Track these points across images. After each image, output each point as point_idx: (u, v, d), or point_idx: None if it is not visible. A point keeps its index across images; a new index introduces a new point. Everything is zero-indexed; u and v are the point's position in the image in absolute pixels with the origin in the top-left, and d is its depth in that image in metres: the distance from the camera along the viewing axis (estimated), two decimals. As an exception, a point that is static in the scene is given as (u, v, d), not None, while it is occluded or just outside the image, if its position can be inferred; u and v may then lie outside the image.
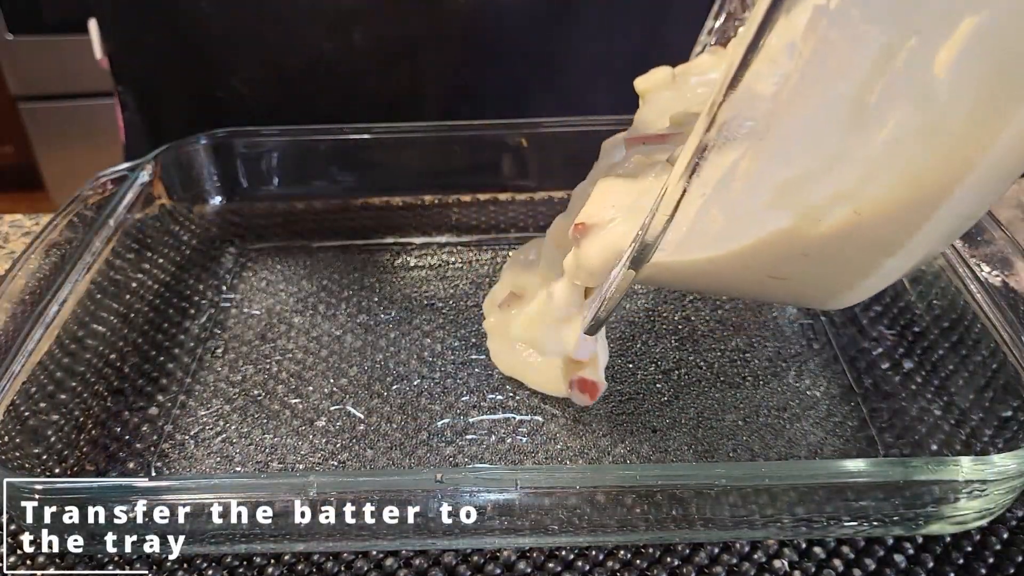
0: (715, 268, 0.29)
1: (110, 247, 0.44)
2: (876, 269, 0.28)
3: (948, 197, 0.25)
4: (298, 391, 0.41)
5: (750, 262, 0.28)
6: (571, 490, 0.30)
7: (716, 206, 0.27)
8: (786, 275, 0.29)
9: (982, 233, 0.41)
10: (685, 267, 0.29)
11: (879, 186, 0.25)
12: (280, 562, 0.33)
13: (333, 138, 0.52)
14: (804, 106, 0.24)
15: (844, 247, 0.27)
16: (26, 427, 0.36)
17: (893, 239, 0.27)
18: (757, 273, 0.29)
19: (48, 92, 1.46)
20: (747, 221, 0.27)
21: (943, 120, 0.24)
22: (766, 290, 0.31)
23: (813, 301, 0.36)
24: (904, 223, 0.26)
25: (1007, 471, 0.29)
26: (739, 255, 0.28)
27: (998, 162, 0.25)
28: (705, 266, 0.29)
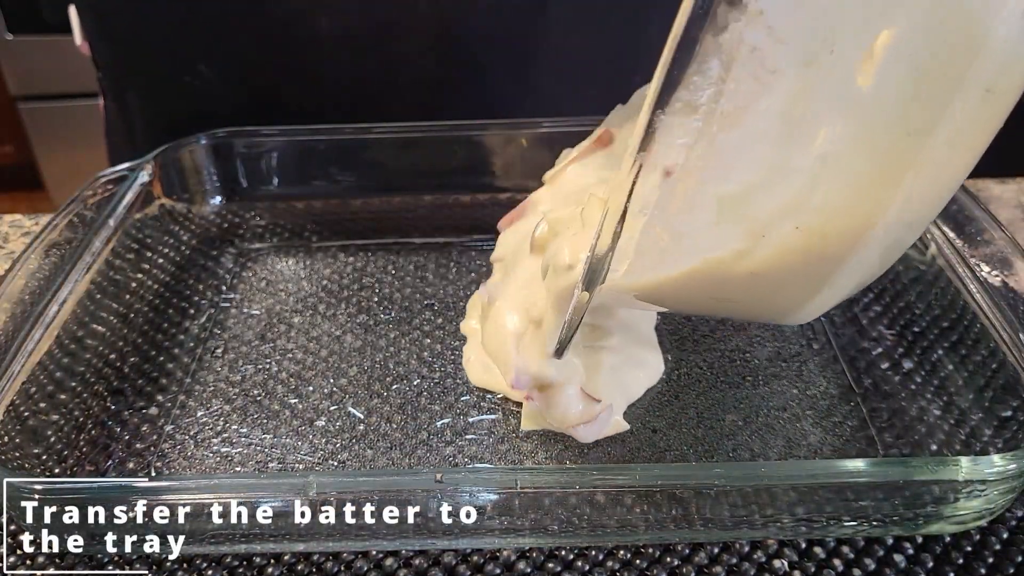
0: (668, 290, 0.29)
1: (110, 247, 0.44)
2: (825, 285, 0.28)
3: (889, 205, 0.25)
4: (298, 391, 0.41)
5: (700, 283, 0.29)
6: (571, 490, 0.30)
7: (661, 225, 0.27)
8: (737, 297, 0.30)
9: (982, 233, 0.41)
10: (639, 290, 0.30)
11: (820, 197, 0.25)
12: (280, 562, 0.33)
13: (333, 138, 0.52)
14: (735, 121, 0.25)
15: (792, 264, 0.27)
16: (26, 427, 0.36)
17: (839, 252, 0.27)
18: (707, 294, 0.30)
19: (48, 92, 1.46)
20: (694, 241, 0.27)
21: (873, 129, 0.25)
22: (720, 310, 0.32)
23: (769, 318, 0.36)
24: (849, 235, 0.26)
25: (1007, 471, 0.29)
26: (689, 276, 0.28)
27: (936, 165, 0.25)
28: (658, 288, 0.29)
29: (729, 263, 0.27)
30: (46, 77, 1.43)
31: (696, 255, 0.28)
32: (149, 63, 0.59)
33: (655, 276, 0.29)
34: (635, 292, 0.30)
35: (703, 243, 0.27)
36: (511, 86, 0.59)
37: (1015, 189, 0.59)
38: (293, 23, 0.55)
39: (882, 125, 0.24)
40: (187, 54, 0.57)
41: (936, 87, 0.24)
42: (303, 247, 0.52)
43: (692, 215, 0.27)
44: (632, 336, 0.42)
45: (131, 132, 0.64)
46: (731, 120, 0.25)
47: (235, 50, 0.56)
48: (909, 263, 0.45)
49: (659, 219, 0.27)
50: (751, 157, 0.25)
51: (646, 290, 0.30)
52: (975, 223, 0.42)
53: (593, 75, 0.59)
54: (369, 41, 0.56)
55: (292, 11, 0.54)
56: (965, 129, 0.25)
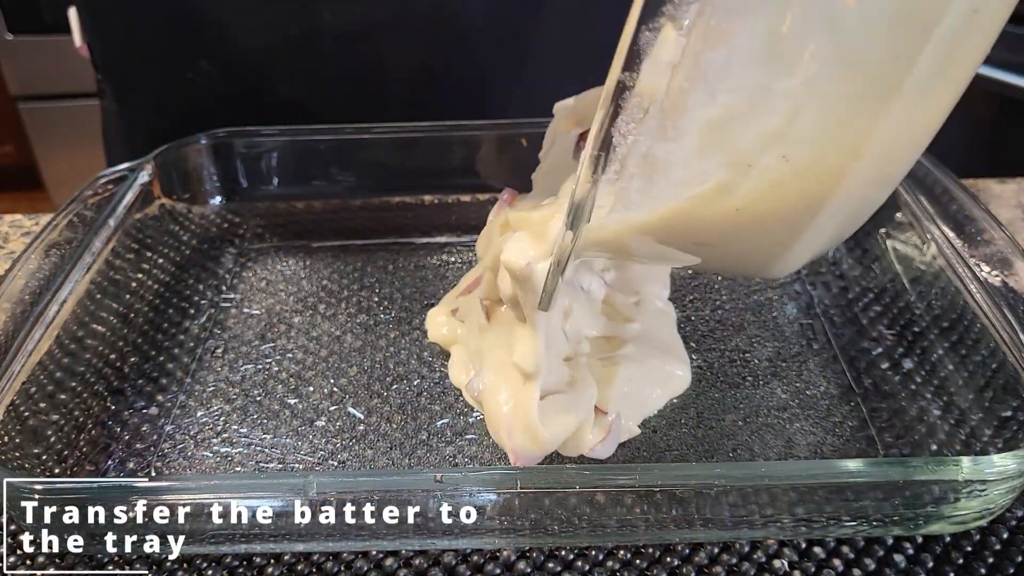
0: (651, 231, 0.29)
1: (110, 247, 0.44)
2: (808, 227, 0.28)
3: (874, 135, 0.25)
4: (298, 391, 0.41)
5: (683, 224, 0.28)
6: (571, 490, 0.30)
7: (645, 152, 0.26)
8: (718, 241, 0.29)
9: (982, 233, 0.41)
10: (623, 232, 0.29)
11: (804, 125, 0.25)
12: (280, 562, 0.33)
13: (333, 138, 0.52)
14: (719, 39, 0.24)
15: (776, 199, 0.27)
16: (26, 427, 0.36)
17: (824, 187, 0.26)
18: (689, 238, 0.29)
19: (48, 92, 1.47)
20: (678, 172, 0.27)
21: (858, 51, 0.24)
22: (701, 256, 0.31)
23: (749, 267, 0.35)
24: (834, 167, 0.26)
25: (1007, 471, 0.29)
26: (673, 215, 0.28)
27: (922, 94, 0.25)
28: (641, 228, 0.29)
29: (713, 198, 0.27)
30: (46, 77, 1.44)
31: (680, 189, 0.27)
32: (150, 61, 0.59)
33: (638, 214, 0.28)
34: (618, 233, 0.29)
35: (687, 175, 0.27)
36: (508, 82, 0.59)
37: (1015, 189, 0.59)
38: (294, 18, 0.55)
39: (867, 48, 0.24)
40: (188, 50, 0.57)
41: (923, 7, 0.23)
42: (303, 247, 0.52)
43: (677, 143, 0.26)
44: (652, 345, 0.42)
45: (130, 133, 0.64)
46: (717, 37, 0.24)
47: (236, 46, 0.57)
48: (909, 263, 0.45)
49: (644, 145, 0.26)
50: (736, 80, 0.25)
51: (629, 230, 0.29)
52: (975, 223, 0.42)
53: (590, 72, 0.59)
54: (369, 37, 0.56)
55: (293, 6, 0.54)
56: (952, 54, 0.24)
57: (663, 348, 0.42)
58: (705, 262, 0.32)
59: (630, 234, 0.29)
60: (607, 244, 0.31)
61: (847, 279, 0.47)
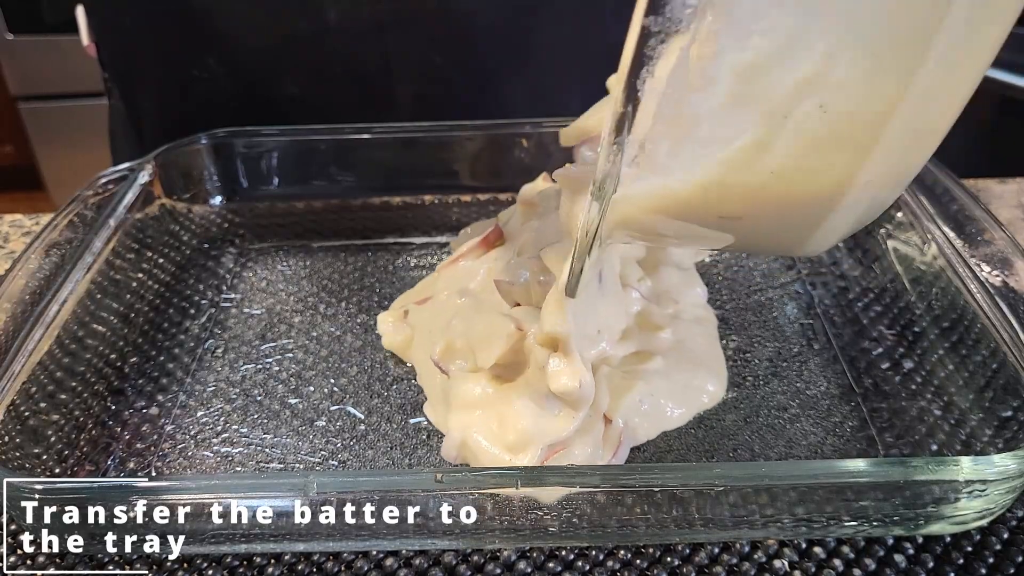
0: (678, 204, 0.27)
1: (110, 247, 0.44)
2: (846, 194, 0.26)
3: (912, 82, 0.24)
4: (298, 391, 0.41)
5: (714, 196, 0.26)
6: (571, 490, 0.30)
7: (674, 106, 0.24)
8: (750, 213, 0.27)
9: (982, 233, 0.41)
10: (651, 205, 0.27)
11: (842, 67, 0.24)
12: (280, 562, 0.33)
13: (333, 138, 0.52)
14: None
15: (814, 159, 0.25)
16: (26, 427, 0.36)
17: (861, 142, 0.25)
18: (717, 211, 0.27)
19: (48, 92, 1.47)
20: (710, 128, 0.25)
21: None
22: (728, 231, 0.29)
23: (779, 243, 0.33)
24: (870, 120, 0.25)
25: (1007, 471, 0.29)
26: (703, 188, 0.26)
27: (961, 43, 0.23)
28: (669, 200, 0.27)
29: (747, 159, 0.25)
30: (46, 77, 1.44)
31: (712, 148, 0.25)
32: (157, 59, 0.59)
33: (668, 182, 0.26)
34: (646, 207, 0.28)
35: (719, 130, 0.25)
36: (514, 81, 0.59)
37: (1015, 189, 0.59)
38: (301, 16, 0.55)
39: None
40: (196, 49, 0.57)
41: None
42: (303, 247, 0.52)
43: (706, 93, 0.24)
44: (684, 359, 0.41)
45: (138, 131, 0.64)
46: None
47: (243, 44, 0.57)
48: (909, 263, 0.45)
49: (672, 100, 0.24)
50: (769, 19, 0.23)
51: (657, 202, 0.27)
52: (975, 223, 0.42)
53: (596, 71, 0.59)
54: (375, 34, 0.56)
55: (300, 5, 0.54)
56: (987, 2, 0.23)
57: (697, 361, 0.41)
58: (734, 239, 0.30)
59: (658, 207, 0.28)
60: (635, 222, 0.29)
61: (847, 279, 0.47)
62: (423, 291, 0.46)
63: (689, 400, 0.39)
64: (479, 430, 0.36)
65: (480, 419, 0.36)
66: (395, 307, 0.46)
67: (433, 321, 0.42)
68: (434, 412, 0.39)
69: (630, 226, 0.30)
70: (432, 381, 0.40)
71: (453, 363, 0.39)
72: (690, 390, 0.40)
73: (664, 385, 0.39)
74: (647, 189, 0.27)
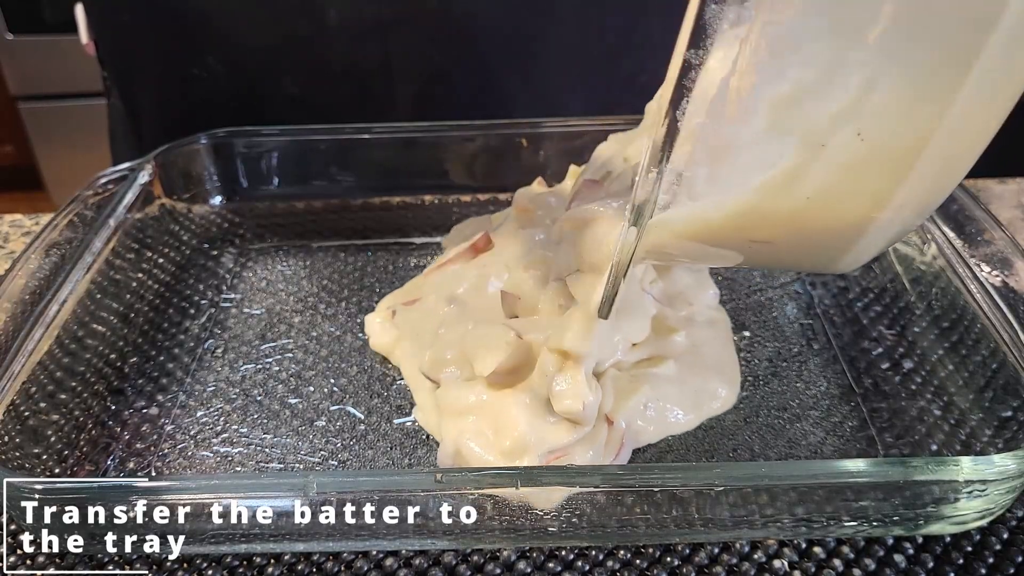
0: (713, 230, 0.27)
1: (110, 247, 0.44)
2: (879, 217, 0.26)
3: (947, 112, 0.24)
4: (298, 391, 0.41)
5: (749, 220, 0.27)
6: (571, 490, 0.30)
7: (712, 136, 0.25)
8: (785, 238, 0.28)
9: (982, 233, 0.41)
10: (687, 231, 0.28)
11: (880, 96, 0.24)
12: (280, 562, 0.33)
13: (333, 138, 0.52)
14: (788, 7, 0.23)
15: (849, 184, 0.25)
16: (26, 427, 0.36)
17: (896, 168, 0.25)
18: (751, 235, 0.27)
19: (48, 92, 1.46)
20: (747, 156, 0.25)
21: (934, 13, 0.23)
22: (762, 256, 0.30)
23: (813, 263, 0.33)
24: (905, 148, 0.25)
25: (1007, 471, 0.29)
26: (739, 212, 0.26)
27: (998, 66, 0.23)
28: (708, 227, 0.27)
29: (783, 185, 0.26)
30: (46, 77, 1.43)
31: (749, 175, 0.26)
32: (157, 58, 0.59)
33: (704, 208, 0.27)
34: (681, 232, 0.28)
35: (756, 158, 0.25)
36: (516, 81, 0.59)
37: (1015, 189, 0.59)
38: (301, 15, 0.55)
39: (945, 12, 0.23)
40: (196, 48, 0.57)
41: None
42: (303, 247, 0.52)
43: (745, 124, 0.25)
44: (697, 363, 0.41)
45: (137, 131, 0.64)
46: (785, 5, 0.23)
47: (244, 43, 0.57)
48: (909, 263, 0.45)
49: (712, 129, 0.25)
50: (807, 51, 0.24)
51: (693, 228, 0.28)
52: (975, 223, 0.42)
53: (597, 71, 0.59)
54: (375, 33, 0.56)
55: (300, 4, 0.54)
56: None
57: (708, 365, 0.41)
58: (760, 261, 0.30)
59: (692, 234, 0.28)
60: (667, 247, 0.29)
61: (847, 279, 0.47)
62: (411, 292, 0.46)
63: (700, 405, 0.39)
64: (473, 437, 0.36)
65: (474, 425, 0.36)
66: (382, 307, 0.46)
67: (421, 324, 0.42)
68: (426, 417, 0.39)
69: (661, 251, 0.30)
70: (421, 386, 0.40)
71: (442, 372, 0.39)
72: (702, 394, 0.39)
73: (674, 390, 0.39)
74: (682, 215, 0.27)
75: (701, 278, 0.46)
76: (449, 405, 0.37)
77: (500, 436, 0.35)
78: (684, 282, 0.44)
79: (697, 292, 0.44)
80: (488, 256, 0.44)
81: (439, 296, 0.43)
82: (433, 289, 0.44)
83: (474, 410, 0.36)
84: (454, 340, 0.39)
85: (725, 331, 0.44)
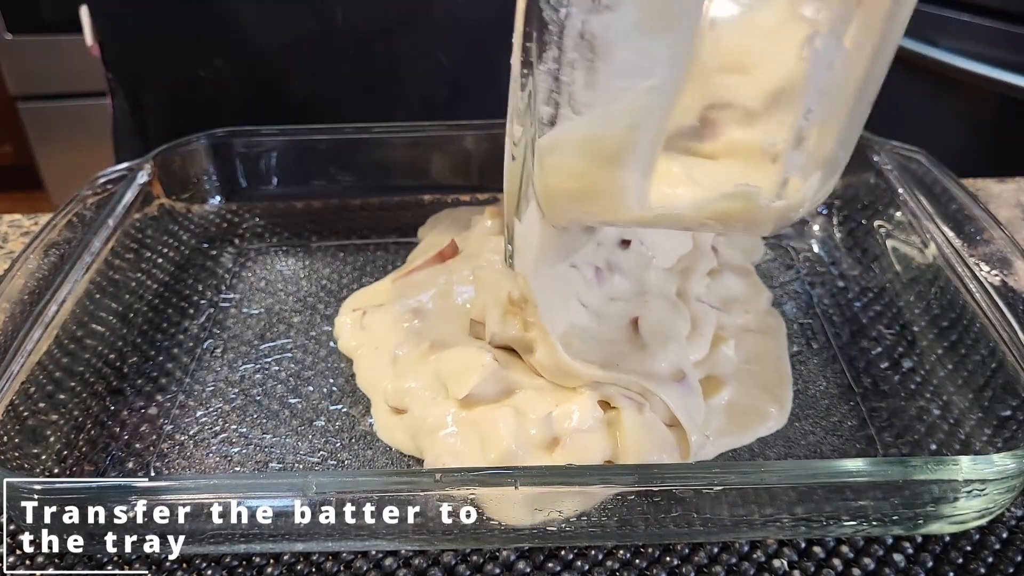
0: (614, 148, 0.24)
1: (109, 247, 0.44)
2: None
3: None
4: (297, 391, 0.41)
5: (641, 120, 0.23)
6: (571, 490, 0.30)
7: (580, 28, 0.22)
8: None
9: (981, 232, 0.41)
10: (583, 150, 0.25)
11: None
12: (279, 562, 0.33)
13: (332, 138, 0.52)
14: None
15: None
16: (25, 427, 0.36)
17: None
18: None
19: (47, 92, 1.46)
20: (624, 54, 0.23)
21: None
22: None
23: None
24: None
25: (1006, 471, 0.29)
26: (626, 111, 0.23)
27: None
28: (602, 146, 0.24)
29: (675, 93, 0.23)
30: (46, 77, 1.43)
31: (630, 79, 0.23)
32: (163, 59, 0.59)
33: (592, 122, 0.24)
34: (576, 155, 0.25)
35: (634, 58, 0.23)
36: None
37: (1015, 189, 0.59)
38: (308, 16, 0.55)
39: None
40: (202, 48, 0.57)
41: None
42: (303, 247, 0.52)
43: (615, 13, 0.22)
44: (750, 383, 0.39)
45: (143, 132, 0.64)
46: None
47: (250, 44, 0.57)
48: (909, 263, 0.45)
49: (577, 19, 0.22)
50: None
51: (589, 149, 0.25)
52: (974, 222, 0.42)
53: None
54: (382, 35, 0.56)
55: (307, 5, 0.54)
56: None
57: (761, 384, 0.40)
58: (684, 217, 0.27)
59: (594, 157, 0.25)
60: (574, 176, 0.25)
61: (846, 278, 0.47)
62: (377, 296, 0.46)
63: (749, 428, 0.38)
64: (459, 457, 0.35)
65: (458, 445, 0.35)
66: (348, 308, 0.46)
67: (383, 336, 0.42)
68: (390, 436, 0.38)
69: (573, 185, 0.26)
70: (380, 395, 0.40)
71: (407, 399, 0.38)
72: (751, 419, 0.38)
73: (722, 423, 0.38)
74: (573, 135, 0.24)
75: (753, 281, 0.45)
76: (427, 425, 0.36)
77: (486, 449, 0.35)
78: (738, 288, 0.43)
79: (752, 297, 0.44)
80: (455, 262, 0.44)
81: (404, 306, 0.43)
82: (400, 294, 0.44)
83: (455, 426, 0.36)
84: (414, 364, 0.39)
85: (781, 338, 0.43)
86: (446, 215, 0.51)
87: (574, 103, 0.23)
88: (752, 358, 0.41)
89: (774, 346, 0.42)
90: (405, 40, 0.56)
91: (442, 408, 0.37)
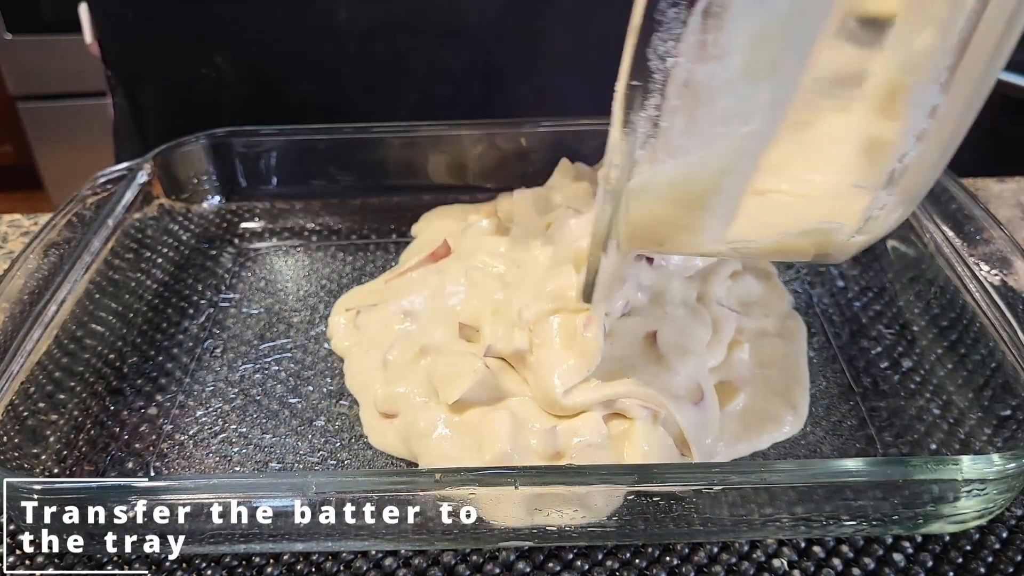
0: (704, 188, 0.24)
1: (109, 247, 0.44)
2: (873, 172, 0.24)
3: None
4: (297, 391, 0.41)
5: (733, 165, 0.24)
6: (571, 490, 0.30)
7: (687, 78, 0.22)
8: (780, 181, 0.25)
9: (981, 232, 0.41)
10: (671, 190, 0.25)
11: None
12: (279, 562, 0.33)
13: (333, 138, 0.52)
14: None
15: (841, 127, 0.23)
16: (25, 427, 0.36)
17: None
18: (741, 183, 0.24)
19: (47, 92, 1.46)
20: (727, 102, 0.23)
21: None
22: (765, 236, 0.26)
23: (817, 240, 0.28)
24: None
25: (1006, 470, 0.29)
26: (720, 156, 0.24)
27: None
28: (692, 187, 0.25)
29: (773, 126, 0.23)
30: (46, 77, 1.43)
31: (732, 127, 0.23)
32: (163, 57, 0.59)
33: (687, 165, 0.24)
34: (664, 194, 0.25)
35: (735, 103, 0.23)
36: (521, 80, 0.59)
37: (1014, 188, 0.59)
38: (310, 14, 0.55)
39: None
40: (203, 46, 0.57)
41: None
42: (303, 247, 0.52)
43: (721, 63, 0.22)
44: (766, 388, 0.39)
45: (143, 131, 0.63)
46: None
47: (250, 42, 0.57)
48: (909, 262, 0.45)
49: (683, 69, 0.22)
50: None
51: (677, 190, 0.25)
52: (974, 222, 0.42)
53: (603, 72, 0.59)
54: (383, 33, 0.56)
55: (309, 2, 0.54)
56: None
57: (776, 389, 0.39)
58: (757, 244, 0.27)
59: (679, 197, 0.25)
60: (659, 218, 0.26)
61: (846, 278, 0.47)
62: (370, 296, 0.46)
63: (763, 433, 0.37)
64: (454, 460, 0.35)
65: (453, 449, 0.35)
66: (342, 307, 0.46)
67: (374, 337, 0.42)
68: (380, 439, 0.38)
69: (656, 223, 0.27)
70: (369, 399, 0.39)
71: (398, 405, 0.38)
72: (765, 422, 0.38)
73: (735, 428, 0.37)
74: (664, 176, 0.24)
75: (774, 284, 0.45)
76: (422, 430, 0.36)
77: (481, 450, 0.35)
78: (758, 290, 0.43)
79: (773, 300, 0.43)
80: (447, 262, 0.44)
81: (396, 307, 0.43)
82: (393, 295, 0.44)
83: (449, 430, 0.36)
84: (404, 369, 0.39)
85: (799, 342, 0.42)
86: (439, 211, 0.51)
87: (670, 147, 0.24)
88: (768, 362, 0.40)
89: (792, 350, 0.42)
90: (407, 39, 0.56)
91: (434, 412, 0.36)
